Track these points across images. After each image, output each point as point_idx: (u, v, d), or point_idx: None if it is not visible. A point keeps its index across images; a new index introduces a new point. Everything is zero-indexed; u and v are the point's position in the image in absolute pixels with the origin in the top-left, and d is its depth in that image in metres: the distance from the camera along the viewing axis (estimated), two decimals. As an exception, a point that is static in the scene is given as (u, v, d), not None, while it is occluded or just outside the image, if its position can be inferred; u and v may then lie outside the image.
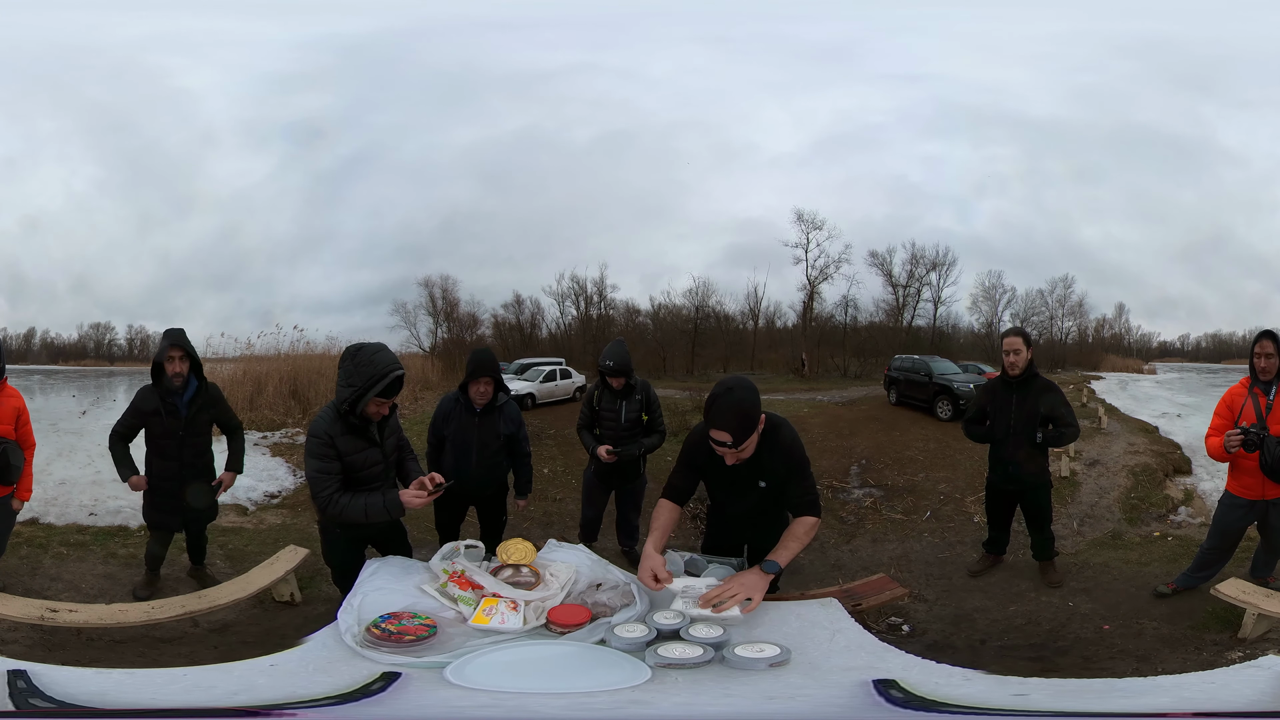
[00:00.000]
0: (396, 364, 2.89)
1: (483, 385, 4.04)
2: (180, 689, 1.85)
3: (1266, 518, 3.91)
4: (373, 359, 2.86)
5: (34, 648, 3.39)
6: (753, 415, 2.61)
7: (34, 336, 15.24)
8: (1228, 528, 4.04)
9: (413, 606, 2.36)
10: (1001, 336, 4.63)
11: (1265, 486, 3.81)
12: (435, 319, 14.98)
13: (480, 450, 4.09)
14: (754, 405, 2.62)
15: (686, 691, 1.87)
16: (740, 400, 2.58)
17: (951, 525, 6.11)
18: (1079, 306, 15.79)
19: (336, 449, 2.90)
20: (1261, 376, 3.82)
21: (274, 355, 10.93)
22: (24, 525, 5.46)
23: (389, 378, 2.85)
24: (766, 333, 16.13)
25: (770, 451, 2.78)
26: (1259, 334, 3.86)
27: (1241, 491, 3.90)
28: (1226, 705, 1.68)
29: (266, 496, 6.74)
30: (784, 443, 2.81)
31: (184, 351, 4.07)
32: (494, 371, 4.08)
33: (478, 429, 4.09)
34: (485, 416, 4.10)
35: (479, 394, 4.06)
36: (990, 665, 2.24)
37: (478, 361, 4.06)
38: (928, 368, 11.51)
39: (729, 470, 2.78)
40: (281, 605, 4.12)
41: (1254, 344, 3.86)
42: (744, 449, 2.64)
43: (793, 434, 2.85)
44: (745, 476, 2.83)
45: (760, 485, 2.85)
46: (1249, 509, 3.92)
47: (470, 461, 4.05)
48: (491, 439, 4.13)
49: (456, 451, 4.08)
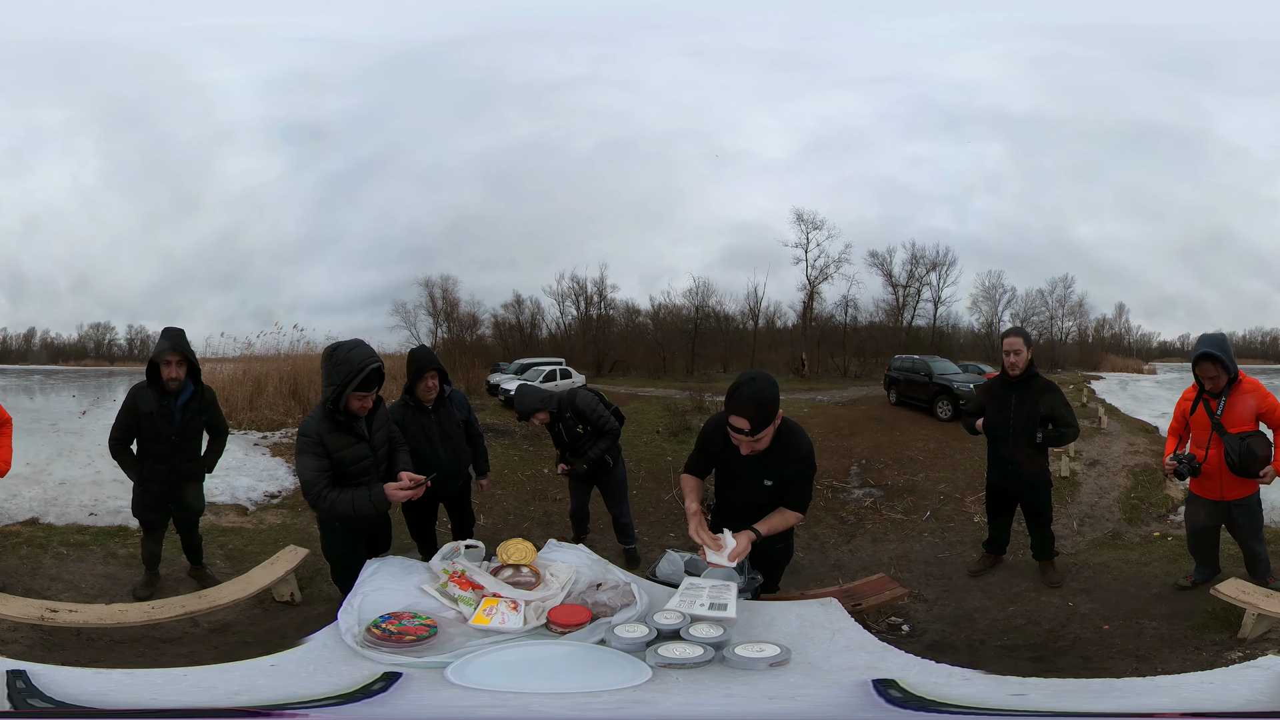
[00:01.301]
0: (373, 358, 3.01)
1: (429, 380, 4.09)
2: (180, 689, 1.85)
3: (1232, 517, 3.99)
4: (348, 356, 2.99)
5: (34, 648, 3.39)
6: (771, 407, 2.71)
7: (34, 336, 15.24)
8: (1195, 525, 4.17)
9: (413, 606, 2.36)
10: (1001, 337, 4.64)
11: (1224, 488, 3.91)
12: (435, 319, 14.97)
13: (444, 443, 4.15)
14: (773, 398, 2.72)
15: (687, 691, 1.87)
16: (761, 390, 2.69)
17: (951, 525, 6.11)
18: (1079, 306, 15.78)
19: (325, 446, 3.03)
20: (1211, 389, 3.91)
21: (274, 355, 10.92)
22: (24, 525, 5.48)
23: (365, 371, 2.97)
24: (767, 333, 16.14)
25: (783, 453, 2.87)
26: (1195, 356, 3.92)
27: (1201, 491, 4.04)
28: (1226, 705, 1.68)
29: (266, 496, 6.74)
30: (798, 449, 2.90)
31: (181, 356, 4.05)
32: (437, 364, 4.14)
33: (436, 424, 4.14)
34: (439, 411, 4.17)
35: (427, 390, 4.09)
36: (990, 665, 2.24)
37: (419, 358, 4.10)
38: (928, 368, 11.51)
39: (738, 463, 2.89)
40: (282, 605, 4.12)
41: (1194, 366, 3.92)
42: (760, 439, 2.73)
43: (809, 445, 2.94)
44: (753, 473, 2.91)
45: (766, 484, 2.93)
46: (1213, 508, 4.01)
47: (438, 458, 4.04)
48: (452, 428, 4.21)
49: (420, 453, 3.92)
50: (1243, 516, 3.95)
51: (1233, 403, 3.85)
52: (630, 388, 13.84)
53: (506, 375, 12.54)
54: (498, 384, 12.19)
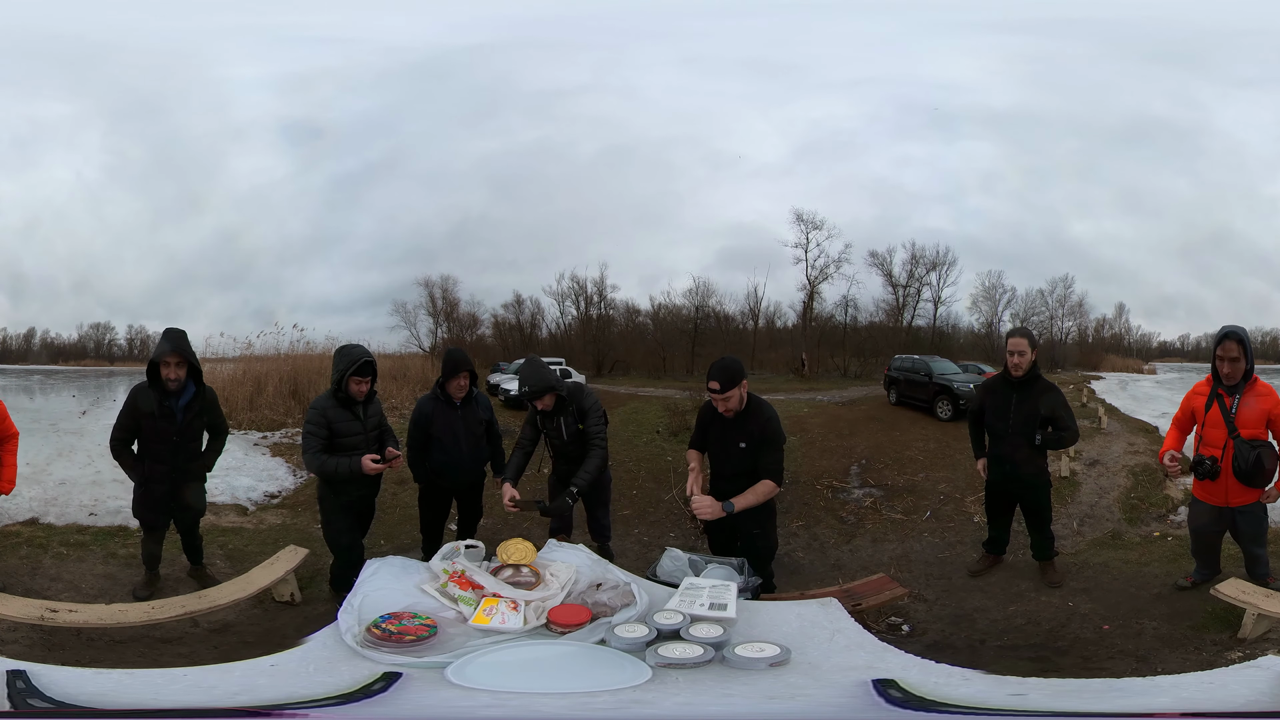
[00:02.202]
0: (366, 354, 4.06)
1: (462, 380, 4.40)
2: (180, 689, 1.85)
3: (1236, 524, 3.94)
4: (349, 352, 4.07)
5: (34, 648, 3.39)
6: (735, 372, 3.56)
7: (34, 336, 15.22)
8: (1198, 530, 4.14)
9: (413, 606, 2.36)
10: (1007, 336, 4.62)
11: (1229, 494, 3.85)
12: (435, 319, 14.96)
13: (468, 438, 4.45)
14: (738, 367, 3.61)
15: (687, 691, 1.87)
16: (727, 363, 3.59)
17: (951, 525, 6.11)
18: (1079, 306, 15.75)
19: (327, 419, 3.99)
20: (1226, 381, 3.80)
21: (274, 355, 10.90)
22: (24, 525, 5.48)
23: (359, 361, 4.00)
24: (767, 333, 16.12)
25: (753, 418, 3.65)
26: (1221, 334, 3.78)
27: (1205, 497, 3.98)
28: (1226, 705, 1.68)
29: (266, 496, 6.74)
30: (763, 415, 3.67)
31: (181, 357, 4.04)
32: (471, 366, 4.47)
33: (462, 420, 4.43)
34: (465, 408, 4.46)
35: (458, 388, 4.40)
36: (990, 665, 2.25)
37: (456, 359, 4.44)
38: (928, 368, 11.50)
39: (721, 429, 3.71)
40: (282, 605, 4.12)
41: (1216, 345, 3.78)
42: (730, 397, 3.56)
43: (772, 413, 3.70)
44: (732, 437, 3.68)
45: (741, 445, 3.64)
46: (1217, 514, 3.96)
47: (461, 451, 4.41)
48: (475, 426, 4.51)
49: (446, 445, 4.39)
50: (1246, 523, 3.90)
51: (1246, 402, 3.77)
52: (630, 388, 13.84)
53: (507, 375, 12.53)
54: (498, 384, 12.19)
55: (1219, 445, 3.82)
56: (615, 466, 7.81)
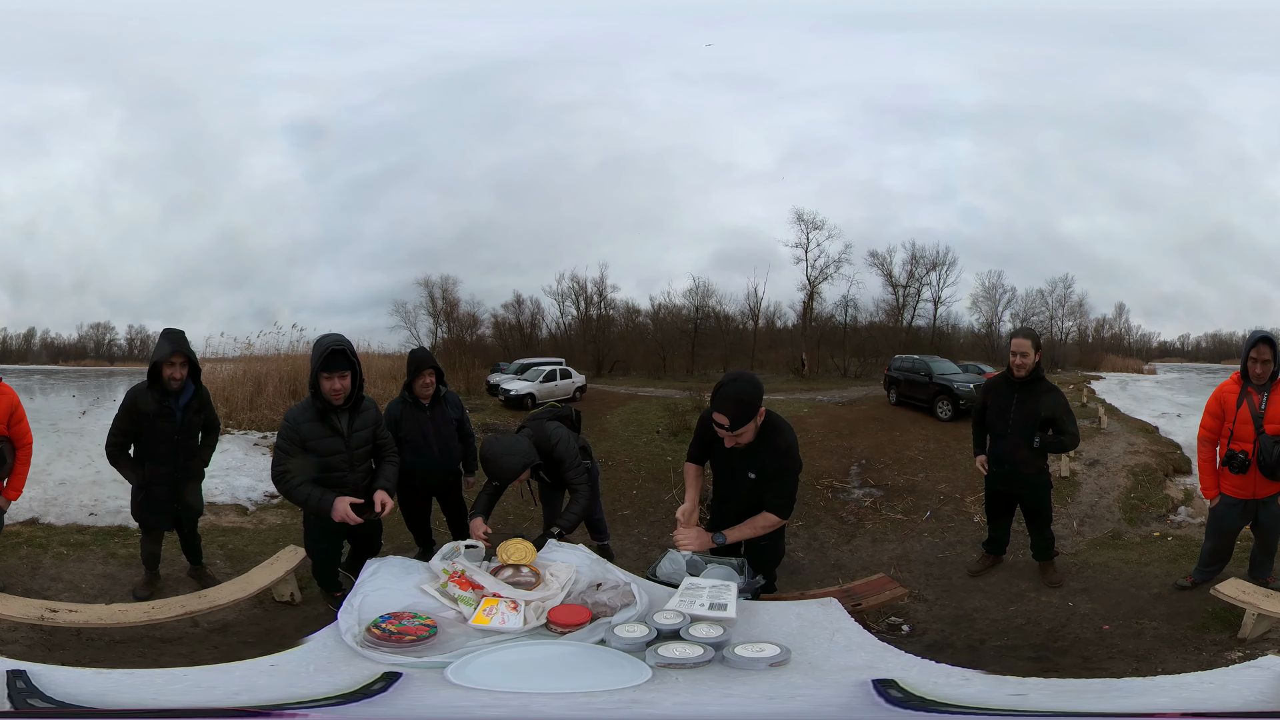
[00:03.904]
0: (338, 342, 3.29)
1: (427, 378, 4.33)
2: (180, 689, 1.85)
3: (1258, 517, 4.02)
4: (318, 344, 3.32)
5: (34, 648, 3.39)
6: (750, 406, 2.84)
7: (34, 336, 15.21)
8: (1224, 526, 4.15)
9: (413, 606, 2.36)
10: (1010, 336, 4.65)
11: (1256, 486, 3.95)
12: (435, 319, 14.96)
13: (438, 439, 4.40)
14: (753, 398, 2.86)
15: (687, 691, 1.87)
16: (741, 391, 2.85)
17: (951, 525, 6.11)
18: (1079, 306, 15.74)
19: (300, 434, 3.35)
20: (1255, 381, 3.93)
21: (274, 355, 10.90)
22: (24, 525, 5.47)
23: (326, 351, 3.26)
24: (767, 333, 16.13)
25: (766, 448, 3.02)
26: (1256, 338, 3.92)
27: (1234, 492, 4.04)
28: (1226, 705, 1.68)
29: (266, 496, 6.73)
30: (780, 445, 3.03)
31: (184, 357, 4.04)
32: (435, 364, 4.41)
33: (431, 421, 4.39)
34: (434, 408, 4.41)
35: (424, 387, 4.34)
36: (990, 665, 2.25)
37: (418, 358, 4.37)
38: (928, 368, 11.50)
39: (728, 455, 3.05)
40: (282, 605, 4.12)
41: (1249, 348, 3.93)
42: (740, 434, 2.90)
43: (792, 440, 3.05)
44: (739, 465, 3.07)
45: (750, 476, 3.07)
46: (1242, 508, 4.03)
47: (432, 452, 4.36)
48: (445, 425, 4.46)
49: (416, 446, 4.31)
50: (1268, 515, 4.00)
51: (1274, 399, 3.90)
52: (630, 388, 13.85)
53: (507, 375, 12.53)
54: (498, 384, 12.20)
55: (1249, 440, 3.93)
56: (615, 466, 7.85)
